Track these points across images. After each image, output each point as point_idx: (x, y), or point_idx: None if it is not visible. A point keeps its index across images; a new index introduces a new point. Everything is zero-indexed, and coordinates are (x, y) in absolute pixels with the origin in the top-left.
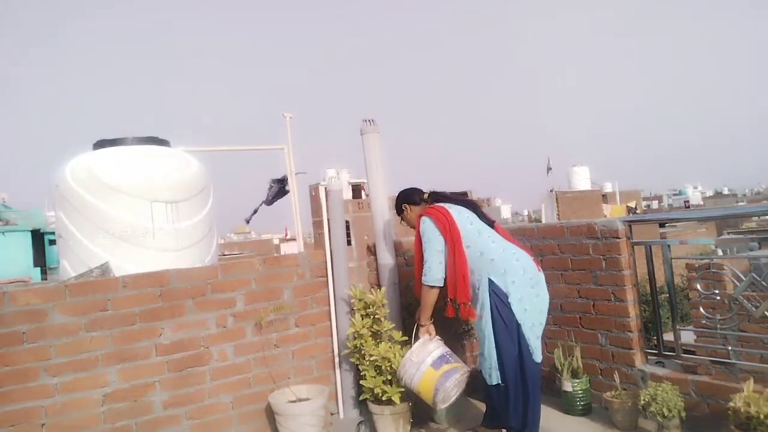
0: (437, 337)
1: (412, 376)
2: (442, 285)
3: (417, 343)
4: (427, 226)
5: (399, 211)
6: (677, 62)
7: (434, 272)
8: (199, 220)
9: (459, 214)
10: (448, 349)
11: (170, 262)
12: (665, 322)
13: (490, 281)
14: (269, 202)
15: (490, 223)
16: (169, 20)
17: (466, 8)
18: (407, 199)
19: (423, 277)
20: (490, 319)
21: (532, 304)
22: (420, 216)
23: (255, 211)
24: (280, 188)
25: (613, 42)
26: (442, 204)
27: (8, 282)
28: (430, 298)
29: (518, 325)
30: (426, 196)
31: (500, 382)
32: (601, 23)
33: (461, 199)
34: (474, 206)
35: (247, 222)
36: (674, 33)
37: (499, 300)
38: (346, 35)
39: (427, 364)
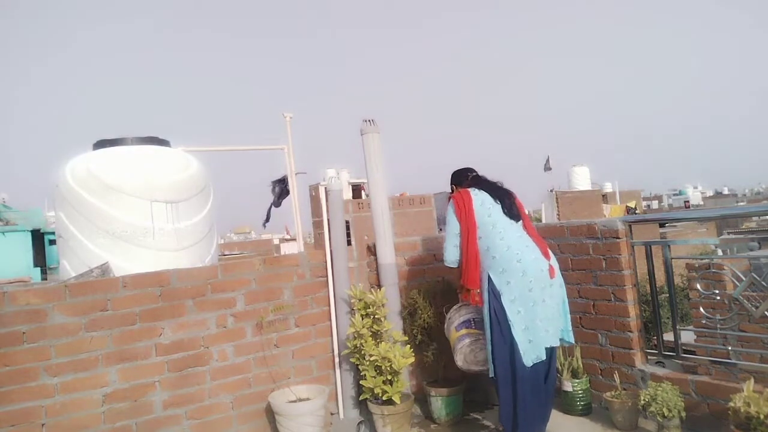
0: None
1: (447, 332)
2: (456, 266)
3: (456, 306)
4: (449, 210)
5: (451, 190)
6: (679, 62)
7: (448, 254)
8: (199, 220)
9: (481, 204)
10: (480, 316)
11: (170, 262)
12: (665, 322)
13: (489, 278)
14: (277, 203)
15: (516, 217)
16: (169, 19)
17: (467, 4)
18: (454, 180)
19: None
20: (488, 313)
21: (527, 308)
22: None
23: (268, 216)
24: (283, 188)
25: (614, 42)
26: (471, 189)
27: (8, 282)
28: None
29: (509, 325)
30: (470, 178)
31: (493, 375)
32: (600, 23)
33: (495, 186)
34: (505, 197)
35: (264, 226)
36: (676, 33)
37: (495, 298)
38: (345, 33)
39: (454, 324)
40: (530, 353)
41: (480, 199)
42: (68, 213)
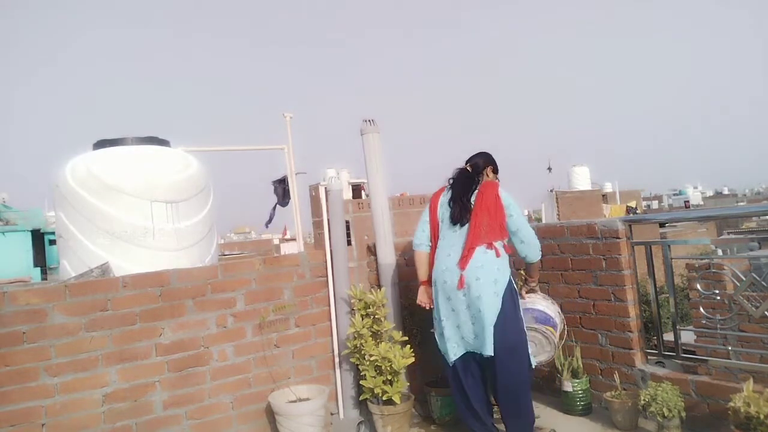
0: (535, 294)
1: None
2: (420, 250)
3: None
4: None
5: None
6: (679, 62)
7: (415, 237)
8: (199, 220)
9: (440, 205)
10: (536, 308)
11: (170, 262)
12: (665, 322)
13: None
14: (284, 203)
15: (462, 222)
16: (169, 20)
17: (466, 5)
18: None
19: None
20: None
21: (447, 311)
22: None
23: (272, 216)
24: (285, 188)
25: (614, 42)
26: (446, 187)
27: (8, 282)
28: (416, 260)
29: (441, 324)
30: (450, 177)
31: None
32: (601, 22)
33: (459, 187)
34: (458, 199)
35: (267, 226)
36: (676, 33)
37: (435, 297)
38: (345, 33)
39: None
40: (451, 351)
41: (446, 198)
42: (68, 213)
